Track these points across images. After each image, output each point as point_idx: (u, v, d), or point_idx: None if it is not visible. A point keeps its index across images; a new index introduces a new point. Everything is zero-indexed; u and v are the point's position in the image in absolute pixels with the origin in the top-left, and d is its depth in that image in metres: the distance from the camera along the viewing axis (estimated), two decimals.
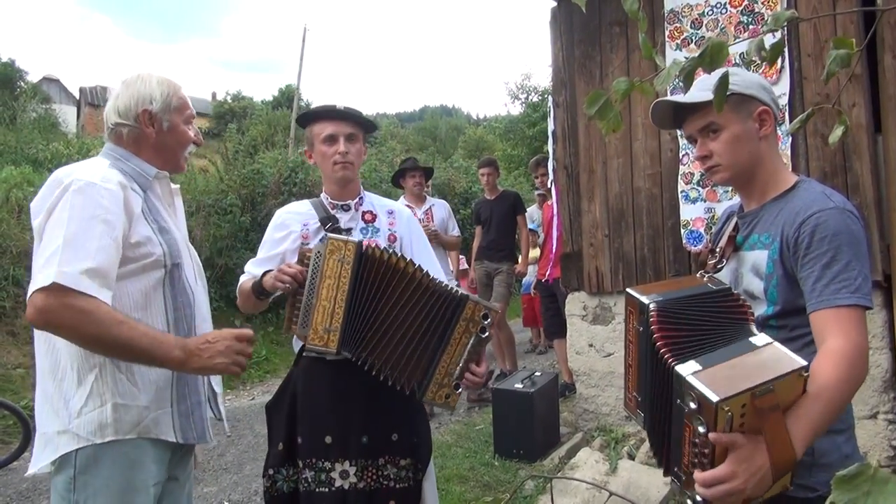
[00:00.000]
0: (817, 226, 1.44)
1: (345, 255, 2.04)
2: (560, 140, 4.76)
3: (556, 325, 5.58)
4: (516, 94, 22.55)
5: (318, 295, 2.03)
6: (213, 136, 23.25)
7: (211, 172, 10.38)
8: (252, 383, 7.42)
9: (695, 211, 4.00)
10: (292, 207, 2.47)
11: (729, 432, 1.25)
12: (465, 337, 2.04)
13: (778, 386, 1.26)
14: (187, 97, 2.00)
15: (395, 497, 2.18)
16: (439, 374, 2.03)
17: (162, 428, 1.77)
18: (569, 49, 4.66)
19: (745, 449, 1.25)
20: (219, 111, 35.50)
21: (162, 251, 1.80)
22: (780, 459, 1.25)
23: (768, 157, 1.59)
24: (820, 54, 3.55)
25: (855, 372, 1.35)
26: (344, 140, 2.33)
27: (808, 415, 1.30)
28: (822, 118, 3.49)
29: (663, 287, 1.63)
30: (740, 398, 1.24)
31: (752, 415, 1.25)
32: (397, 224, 2.45)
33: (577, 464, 3.96)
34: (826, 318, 1.40)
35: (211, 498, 4.18)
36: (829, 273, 1.41)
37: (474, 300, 2.06)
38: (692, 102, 1.59)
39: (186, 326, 1.86)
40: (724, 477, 1.25)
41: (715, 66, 0.88)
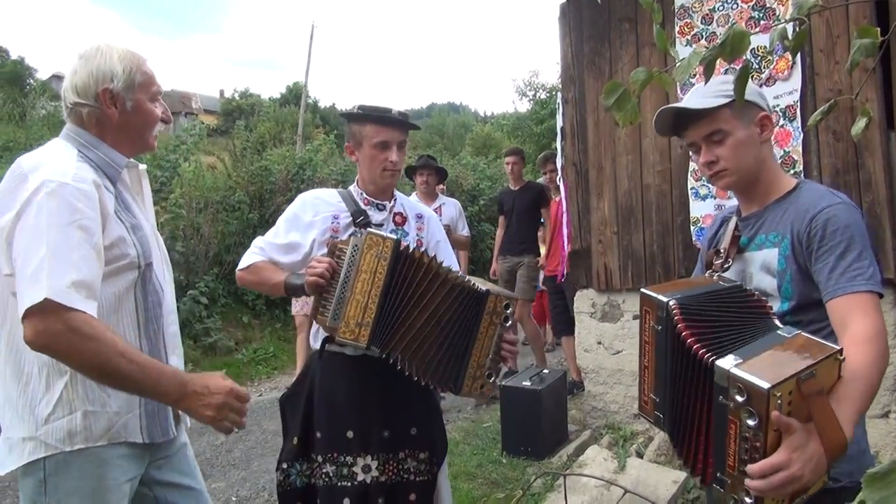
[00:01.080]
0: (829, 219, 1.49)
1: (382, 251, 2.04)
2: (569, 137, 4.74)
3: (564, 323, 5.56)
4: (524, 91, 22.51)
5: (353, 289, 2.03)
6: (221, 133, 23.30)
7: (219, 169, 10.38)
8: (259, 380, 7.43)
9: (705, 208, 3.98)
10: (320, 194, 2.40)
11: None
12: (490, 329, 2.09)
13: (819, 371, 1.29)
14: (152, 70, 1.83)
15: (415, 490, 2.20)
16: (472, 367, 2.08)
17: (130, 430, 1.71)
18: (578, 45, 4.64)
19: (798, 435, 1.25)
20: (227, 108, 35.65)
21: (136, 252, 1.71)
22: (832, 443, 1.26)
23: (770, 160, 1.66)
24: (832, 49, 3.52)
25: (883, 353, 1.39)
26: (396, 148, 2.30)
27: (850, 397, 1.32)
28: (835, 115, 3.46)
29: (677, 286, 1.64)
30: (787, 384, 1.25)
31: (798, 401, 1.26)
32: (426, 230, 2.45)
33: (585, 461, 3.94)
34: (846, 305, 1.44)
35: (219, 494, 4.19)
36: (843, 263, 1.45)
37: (495, 293, 2.09)
38: (697, 109, 1.63)
39: (156, 325, 1.79)
40: (780, 464, 1.24)
41: (736, 55, 0.87)
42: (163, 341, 1.82)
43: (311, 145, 12.07)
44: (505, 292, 2.13)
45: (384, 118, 2.29)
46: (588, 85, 4.58)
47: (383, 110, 2.31)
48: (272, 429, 5.44)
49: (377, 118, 2.29)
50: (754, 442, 1.27)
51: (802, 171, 3.58)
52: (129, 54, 1.79)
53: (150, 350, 1.75)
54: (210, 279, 8.07)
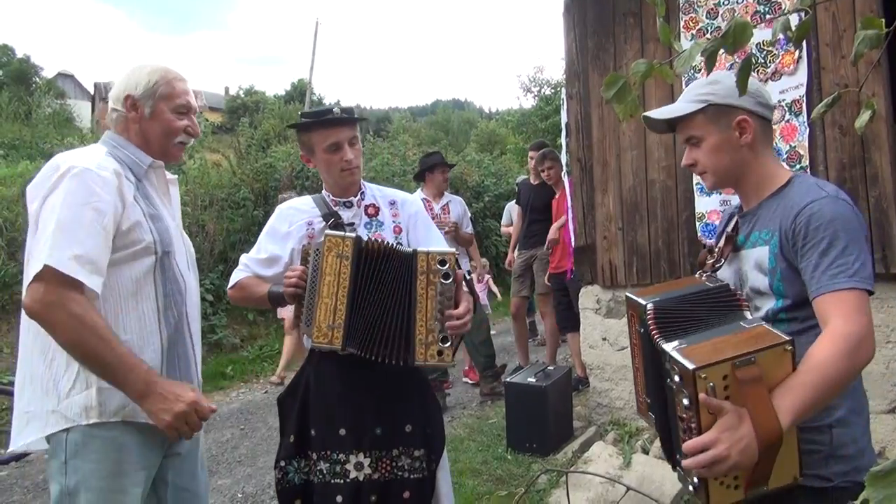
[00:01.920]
0: (812, 215, 1.46)
1: (343, 251, 2.04)
2: (573, 132, 4.72)
3: (568, 319, 5.55)
4: (529, 88, 22.49)
5: (320, 293, 2.03)
6: (226, 130, 23.33)
7: (224, 166, 10.40)
8: (265, 376, 7.44)
9: (710, 203, 3.96)
10: (294, 203, 2.46)
11: None
12: (429, 289, 2.05)
13: (761, 359, 1.30)
14: (185, 88, 2.00)
15: (409, 488, 2.19)
16: (420, 334, 2.04)
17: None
18: (582, 40, 4.62)
19: (730, 417, 1.29)
20: (231, 106, 35.66)
21: (152, 238, 1.82)
22: (764, 430, 1.27)
23: (754, 161, 1.62)
24: (839, 43, 3.49)
25: (854, 352, 1.35)
26: (348, 146, 2.30)
27: (796, 388, 1.32)
28: (841, 109, 3.44)
29: (662, 289, 1.67)
30: (720, 367, 1.30)
31: (735, 386, 1.29)
32: (401, 214, 2.44)
33: (590, 458, 3.94)
34: (826, 303, 1.41)
35: (225, 490, 4.20)
36: (826, 260, 1.42)
37: (424, 251, 2.08)
38: (659, 119, 1.67)
39: (176, 313, 1.88)
40: (707, 443, 1.28)
41: (738, 46, 0.85)
42: (188, 329, 1.92)
43: None
44: (438, 249, 2.10)
45: (327, 121, 2.28)
46: (592, 80, 4.56)
47: (325, 112, 2.30)
48: (277, 426, 5.45)
49: (321, 122, 2.29)
50: (689, 422, 1.34)
51: (808, 167, 3.56)
52: (161, 69, 1.97)
53: (170, 335, 1.86)
54: (215, 276, 8.09)
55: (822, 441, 1.47)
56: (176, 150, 2.01)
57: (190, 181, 8.76)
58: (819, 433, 1.47)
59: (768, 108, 1.62)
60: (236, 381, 7.31)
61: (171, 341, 1.86)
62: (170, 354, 1.86)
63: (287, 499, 2.21)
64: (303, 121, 2.35)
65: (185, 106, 1.99)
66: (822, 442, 1.47)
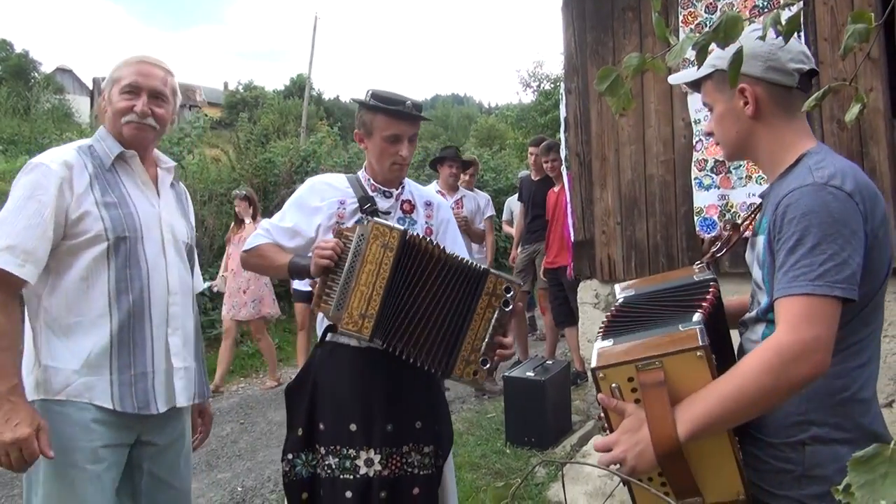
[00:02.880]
0: (788, 206, 1.29)
1: (388, 242, 2.00)
2: (572, 127, 4.73)
3: (564, 314, 5.56)
4: (528, 82, 22.45)
5: (358, 279, 1.99)
6: (225, 125, 23.31)
7: (223, 162, 10.41)
8: (264, 371, 7.45)
9: (708, 198, 3.97)
10: (328, 179, 2.39)
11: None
12: (488, 311, 2.03)
13: (668, 363, 1.25)
14: (139, 69, 2.02)
15: (418, 484, 2.18)
16: (465, 350, 2.02)
17: (97, 394, 1.85)
18: (581, 35, 4.62)
19: (631, 420, 1.28)
20: (231, 101, 35.64)
21: (103, 226, 1.88)
22: (659, 437, 1.24)
23: (766, 134, 1.45)
24: (837, 38, 3.50)
25: (784, 366, 1.20)
26: (406, 142, 2.25)
27: (704, 399, 1.23)
28: (839, 103, 3.44)
29: (648, 282, 1.63)
30: (622, 369, 1.28)
31: (640, 389, 1.27)
32: (435, 217, 2.41)
33: (588, 451, 3.96)
34: (777, 310, 1.27)
35: (225, 484, 4.22)
36: (791, 259, 1.26)
37: (495, 274, 2.04)
38: (675, 83, 1.59)
39: (131, 298, 1.92)
40: (609, 443, 1.30)
41: (729, 40, 0.86)
42: (149, 313, 1.95)
43: (315, 137, 12.08)
44: (507, 276, 2.07)
45: (398, 112, 2.22)
46: (591, 75, 4.56)
47: (397, 102, 2.23)
48: (277, 420, 5.47)
49: (390, 111, 2.21)
50: (603, 421, 1.37)
51: None
52: (130, 57, 2.05)
53: (122, 320, 1.90)
54: (215, 271, 8.09)
55: (793, 459, 1.33)
56: (127, 131, 2.00)
57: (189, 176, 8.75)
58: (791, 450, 1.34)
59: (784, 72, 1.40)
60: (236, 375, 7.32)
61: (121, 326, 1.89)
62: (120, 338, 1.89)
63: (294, 491, 2.19)
64: (371, 101, 2.24)
65: (131, 85, 1.99)
66: (793, 460, 1.33)
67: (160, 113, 2.04)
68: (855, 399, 1.33)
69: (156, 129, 2.05)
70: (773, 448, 1.35)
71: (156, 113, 2.02)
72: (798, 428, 1.33)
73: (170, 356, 2.00)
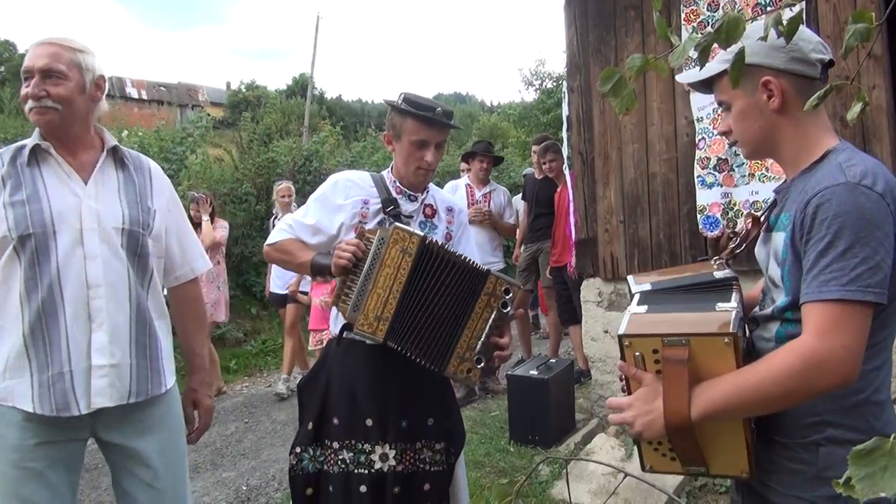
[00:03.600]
0: (819, 206, 1.25)
1: (408, 247, 2.03)
2: (575, 125, 4.73)
3: (569, 312, 5.57)
4: (530, 81, 22.36)
5: (375, 282, 2.02)
6: (227, 125, 23.33)
7: (226, 161, 10.42)
8: (269, 371, 7.48)
9: (711, 196, 3.97)
10: (351, 176, 2.39)
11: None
12: (486, 311, 2.05)
13: (695, 343, 1.28)
14: (34, 52, 1.93)
15: (430, 480, 2.22)
16: (461, 347, 2.05)
17: (17, 396, 1.85)
18: (583, 33, 4.63)
19: (649, 389, 1.34)
20: (233, 100, 35.67)
21: (6, 225, 1.84)
22: (672, 411, 1.28)
23: (790, 128, 1.40)
24: (839, 35, 3.49)
25: (807, 373, 1.20)
26: (433, 148, 2.27)
27: (722, 386, 1.27)
28: (842, 101, 3.44)
29: (664, 274, 1.62)
30: (649, 340, 1.32)
31: (663, 363, 1.31)
32: (455, 222, 2.44)
33: (592, 450, 3.96)
34: (806, 314, 1.25)
35: (229, 483, 4.23)
36: (822, 261, 1.22)
37: (496, 275, 2.07)
38: (688, 82, 1.57)
39: (39, 296, 1.86)
40: (620, 405, 1.38)
41: (731, 41, 0.87)
42: (62, 312, 1.87)
43: (318, 137, 12.08)
44: (507, 278, 2.10)
45: (427, 118, 2.22)
46: (594, 73, 4.57)
47: (427, 108, 2.24)
48: (281, 419, 5.49)
49: (420, 116, 2.22)
50: (623, 383, 1.44)
51: None
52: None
53: (32, 320, 1.85)
54: None
55: (807, 460, 1.32)
56: (32, 119, 1.93)
57: (192, 176, 8.77)
58: (805, 451, 1.33)
59: (807, 62, 1.37)
60: (240, 374, 7.34)
61: (32, 326, 1.85)
62: (33, 339, 1.86)
63: (299, 486, 2.22)
64: (403, 105, 2.26)
65: (24, 71, 1.92)
66: (807, 461, 1.32)
67: (56, 92, 1.89)
68: (870, 401, 1.32)
69: (58, 110, 1.90)
70: (786, 448, 1.35)
71: (51, 93, 1.89)
72: (813, 429, 1.32)
73: (91, 354, 1.90)
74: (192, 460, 4.66)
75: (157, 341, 2.08)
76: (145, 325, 2.03)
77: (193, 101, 40.45)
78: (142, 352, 2.01)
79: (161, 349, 2.09)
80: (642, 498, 3.28)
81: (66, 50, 1.94)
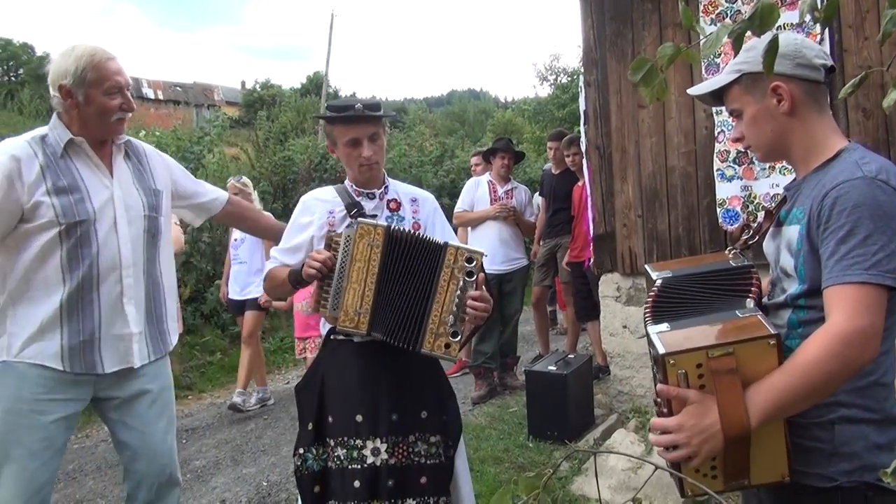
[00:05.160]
0: (838, 198, 1.34)
1: (374, 239, 2.12)
2: (591, 120, 4.70)
3: (588, 308, 5.54)
4: (545, 76, 22.25)
5: (349, 277, 2.11)
6: (243, 124, 23.47)
7: (242, 160, 10.48)
8: (287, 368, 7.52)
9: (731, 189, 3.93)
10: (317, 193, 2.51)
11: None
12: (451, 283, 2.10)
13: (740, 350, 1.27)
14: (114, 68, 2.21)
15: (426, 473, 2.23)
16: (433, 323, 2.10)
17: (48, 356, 2.15)
18: (600, 27, 4.59)
19: (699, 406, 1.29)
20: (248, 100, 35.88)
21: (54, 213, 2.12)
22: (730, 423, 1.26)
23: (801, 129, 1.49)
24: (861, 25, 3.45)
25: (846, 352, 1.26)
26: (367, 143, 2.33)
27: (773, 386, 1.28)
28: (864, 91, 3.40)
29: (682, 264, 1.65)
30: (693, 355, 1.28)
31: (709, 376, 1.27)
32: (421, 211, 2.49)
33: (612, 445, 3.95)
34: (831, 297, 1.31)
35: (250, 479, 4.27)
36: (842, 248, 1.31)
37: (455, 245, 2.13)
38: (698, 94, 1.62)
39: (81, 274, 2.17)
40: (671, 426, 1.31)
41: (765, 28, 0.85)
42: (97, 288, 2.21)
43: None
44: (467, 246, 2.15)
45: (347, 117, 2.31)
46: (610, 67, 4.54)
47: (346, 108, 2.32)
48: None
49: (342, 118, 2.33)
50: (662, 407, 1.35)
51: None
52: (87, 54, 2.17)
53: (71, 289, 2.17)
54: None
55: (823, 438, 1.39)
56: (115, 127, 2.26)
57: (209, 175, 8.82)
58: (820, 429, 1.39)
59: (812, 67, 1.47)
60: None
61: (70, 297, 2.16)
62: (69, 308, 2.17)
63: (306, 485, 2.26)
64: (327, 114, 2.40)
65: (115, 86, 2.21)
66: (823, 439, 1.39)
67: None
68: (879, 383, 1.40)
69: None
70: (802, 428, 1.38)
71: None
72: (827, 409, 1.37)
73: (128, 323, 2.27)
74: (214, 457, 4.70)
75: (163, 308, 2.44)
76: (153, 295, 2.39)
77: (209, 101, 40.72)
78: (152, 320, 2.38)
79: (165, 314, 2.46)
80: (662, 494, 3.26)
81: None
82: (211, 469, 4.50)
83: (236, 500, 3.97)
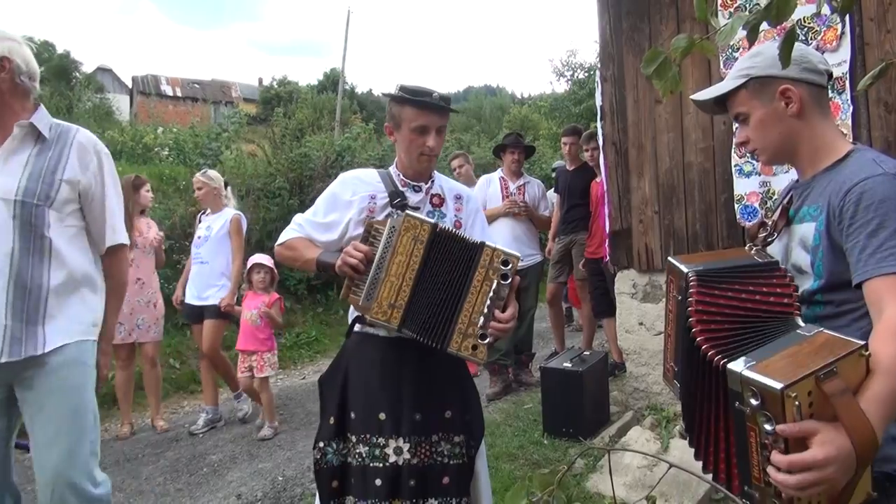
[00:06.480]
0: (863, 193, 1.37)
1: (419, 234, 2.06)
2: (608, 116, 4.67)
3: (605, 304, 5.51)
4: (561, 72, 22.17)
5: (388, 270, 2.06)
6: (260, 121, 23.58)
7: (259, 157, 10.53)
8: (303, 363, 7.55)
9: (749, 185, 3.89)
10: (359, 174, 2.43)
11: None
12: (485, 284, 2.05)
13: (841, 367, 1.18)
14: None
15: (448, 473, 2.20)
16: (462, 323, 2.04)
17: None
18: (616, 22, 4.56)
19: (825, 434, 1.16)
20: (265, 97, 36.05)
21: None
22: (862, 444, 1.16)
23: (807, 132, 1.54)
24: (884, 17, 3.39)
25: None
26: (434, 133, 2.28)
27: (879, 395, 1.21)
28: (886, 85, 3.34)
29: (707, 258, 1.62)
30: (805, 383, 1.16)
31: (820, 402, 1.17)
32: (464, 210, 2.43)
33: (627, 442, 3.92)
34: (878, 288, 1.32)
35: (266, 474, 4.29)
36: (874, 241, 1.33)
37: (491, 246, 2.07)
38: (703, 100, 1.64)
39: None
40: (817, 462, 1.15)
41: (781, 19, 0.84)
42: None
43: (350, 132, 12.15)
44: (505, 248, 2.09)
45: (424, 103, 2.25)
46: (627, 62, 4.50)
47: (424, 93, 2.26)
48: (316, 410, 5.49)
49: (417, 102, 2.25)
50: (774, 449, 1.19)
51: None
52: None
53: None
54: None
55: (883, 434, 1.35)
56: None
57: (227, 171, 8.88)
58: None
59: (817, 72, 1.53)
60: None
61: None
62: None
63: (325, 479, 2.24)
64: (399, 94, 2.29)
65: None
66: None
67: None
68: None
69: None
70: None
71: None
72: None
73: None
74: (230, 451, 4.73)
75: (42, 306, 2.24)
76: (25, 290, 2.20)
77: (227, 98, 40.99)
78: (17, 315, 2.18)
79: (45, 314, 2.24)
80: (679, 492, 3.24)
81: None
82: (227, 463, 4.53)
83: (252, 494, 3.99)
